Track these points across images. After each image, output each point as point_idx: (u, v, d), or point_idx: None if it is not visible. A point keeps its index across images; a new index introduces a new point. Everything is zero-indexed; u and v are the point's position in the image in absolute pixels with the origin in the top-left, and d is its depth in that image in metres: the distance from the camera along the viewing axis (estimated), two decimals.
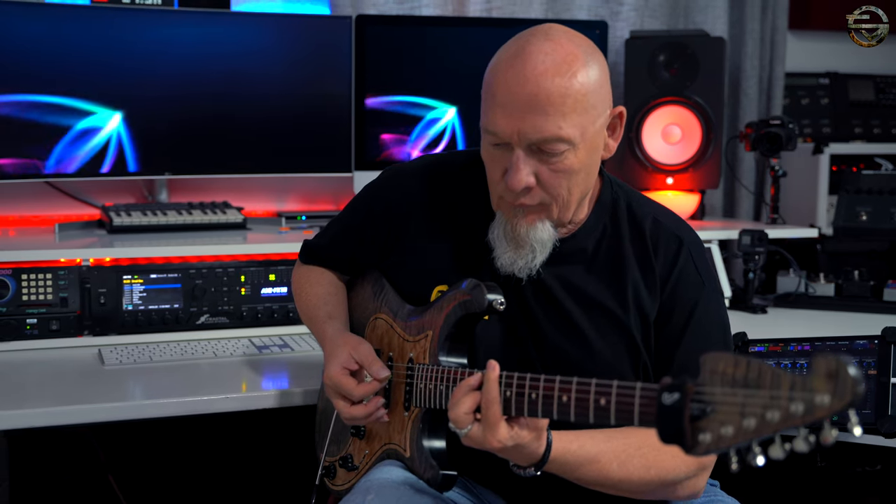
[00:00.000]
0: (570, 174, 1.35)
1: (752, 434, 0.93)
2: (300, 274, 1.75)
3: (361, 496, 1.39)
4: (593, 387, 1.16)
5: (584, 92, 1.32)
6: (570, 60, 1.31)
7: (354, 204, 1.70)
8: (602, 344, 1.45)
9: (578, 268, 1.47)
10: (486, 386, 1.24)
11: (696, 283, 1.46)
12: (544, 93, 1.30)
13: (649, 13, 3.26)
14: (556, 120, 1.30)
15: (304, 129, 2.64)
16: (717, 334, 1.47)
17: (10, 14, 2.35)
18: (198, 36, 2.52)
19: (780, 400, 0.91)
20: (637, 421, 1.10)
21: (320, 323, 1.62)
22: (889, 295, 2.59)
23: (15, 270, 2.09)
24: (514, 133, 1.32)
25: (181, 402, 1.77)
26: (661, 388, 1.05)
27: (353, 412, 1.47)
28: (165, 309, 2.18)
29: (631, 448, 1.34)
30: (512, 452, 1.27)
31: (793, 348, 1.95)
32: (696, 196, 2.96)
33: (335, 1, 2.85)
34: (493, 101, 1.34)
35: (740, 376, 0.95)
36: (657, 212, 1.51)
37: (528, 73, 1.31)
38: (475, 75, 1.48)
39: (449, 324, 1.43)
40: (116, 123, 2.47)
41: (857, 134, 3.41)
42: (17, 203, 2.62)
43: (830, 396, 0.88)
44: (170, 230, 2.45)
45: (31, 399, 1.80)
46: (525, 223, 1.39)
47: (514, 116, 1.31)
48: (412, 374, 1.47)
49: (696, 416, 0.98)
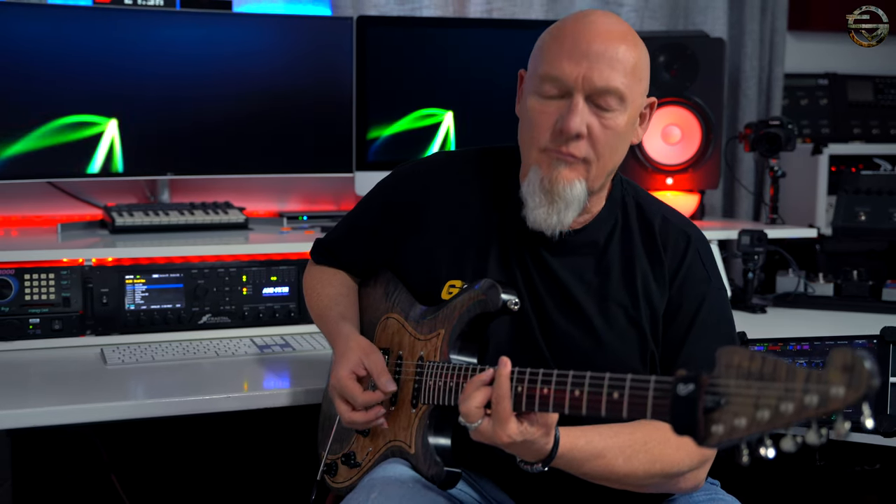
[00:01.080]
0: (615, 135, 1.40)
1: (765, 426, 0.94)
2: (312, 274, 1.76)
3: (365, 493, 1.39)
4: (606, 381, 1.17)
5: (640, 65, 1.41)
6: (632, 35, 1.41)
7: (366, 202, 1.71)
8: (611, 335, 1.47)
9: (590, 259, 1.49)
10: (497, 381, 1.25)
11: (703, 278, 1.49)
12: (613, 48, 1.37)
13: (649, 14, 3.27)
14: (619, 74, 1.37)
15: (306, 130, 2.64)
16: (723, 328, 1.50)
17: (12, 15, 2.36)
18: (200, 37, 2.52)
19: (794, 392, 0.92)
20: (650, 414, 1.11)
21: (332, 322, 1.63)
22: (888, 295, 2.59)
23: (18, 270, 2.09)
24: (578, 77, 1.36)
25: (183, 402, 1.77)
26: (675, 379, 1.05)
27: (353, 417, 1.48)
28: (167, 309, 2.19)
29: (637, 443, 1.35)
30: (520, 448, 1.28)
31: (792, 348, 1.96)
32: (695, 196, 2.97)
33: (336, 2, 2.86)
34: (560, 49, 1.38)
35: (755, 370, 0.96)
36: (665, 210, 1.56)
37: (599, 29, 1.38)
38: (476, 76, 1.49)
39: (462, 322, 1.44)
40: (118, 124, 2.47)
41: (856, 134, 3.42)
42: (19, 203, 2.63)
43: (846, 388, 0.89)
44: (172, 230, 2.46)
45: (34, 398, 1.80)
46: (563, 178, 1.40)
47: (583, 63, 1.36)
48: (422, 372, 1.47)
49: (710, 408, 0.99)
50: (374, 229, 1.65)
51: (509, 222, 1.51)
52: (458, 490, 1.49)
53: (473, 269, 1.51)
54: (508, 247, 1.51)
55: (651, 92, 1.47)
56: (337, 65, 2.64)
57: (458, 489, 1.49)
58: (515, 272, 1.49)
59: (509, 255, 1.50)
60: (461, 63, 2.73)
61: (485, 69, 2.71)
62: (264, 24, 2.62)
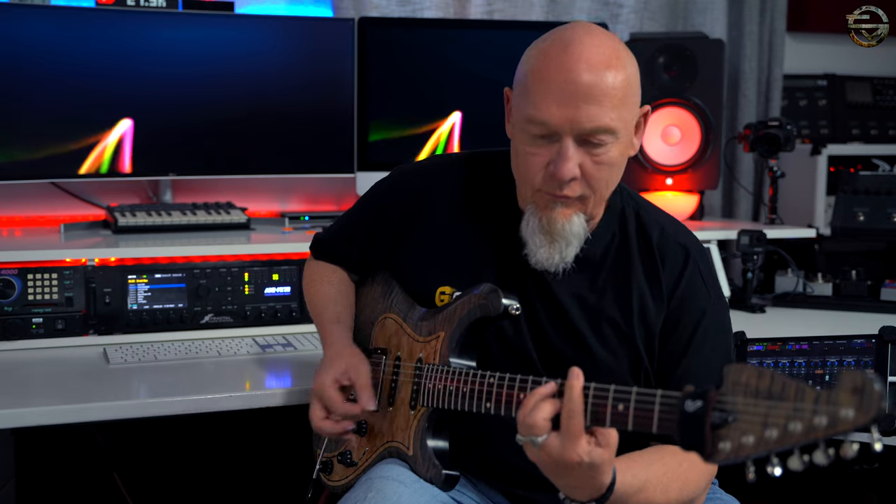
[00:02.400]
0: (610, 167, 1.37)
1: (773, 444, 0.94)
2: (311, 269, 1.77)
3: (362, 493, 1.40)
4: (611, 392, 1.16)
5: (628, 85, 1.35)
6: (617, 55, 1.34)
7: (365, 201, 1.71)
8: (604, 352, 1.46)
9: (585, 276, 1.47)
10: (569, 395, 1.17)
11: (702, 294, 1.47)
12: (598, 84, 1.31)
13: (649, 15, 3.28)
14: (607, 111, 1.32)
15: (307, 131, 2.65)
16: (721, 343, 1.48)
17: (16, 16, 2.37)
18: (202, 38, 2.53)
19: (803, 412, 0.92)
20: (656, 427, 1.10)
21: (326, 323, 1.65)
22: (886, 294, 2.60)
23: (21, 270, 2.10)
24: (566, 122, 1.32)
25: (185, 401, 1.78)
26: (683, 395, 1.05)
27: (323, 425, 1.50)
28: (170, 308, 2.20)
29: (670, 472, 1.34)
30: (582, 474, 1.19)
31: (791, 347, 1.96)
32: (695, 196, 2.98)
33: (338, 3, 2.87)
34: (545, 93, 1.33)
35: (764, 388, 0.96)
36: (664, 221, 1.53)
37: (583, 64, 1.31)
38: (475, 77, 1.49)
39: (462, 326, 1.44)
40: (121, 124, 2.48)
41: (855, 135, 3.43)
42: (23, 203, 2.64)
43: (855, 411, 0.89)
44: (174, 230, 2.47)
45: (37, 397, 1.81)
46: (561, 217, 1.39)
47: (569, 106, 1.31)
48: (420, 374, 1.48)
49: (717, 425, 0.99)
50: (370, 229, 1.65)
51: (504, 231, 1.49)
52: (455, 491, 1.50)
53: (467, 277, 1.50)
54: (502, 256, 1.49)
55: (651, 93, 1.47)
56: (338, 65, 2.65)
57: (456, 490, 1.49)
58: (510, 283, 1.47)
59: (503, 265, 1.49)
60: (462, 64, 2.74)
61: (484, 70, 2.72)
62: (266, 25, 2.63)
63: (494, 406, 1.33)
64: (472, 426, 1.48)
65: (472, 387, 1.37)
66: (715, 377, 1.42)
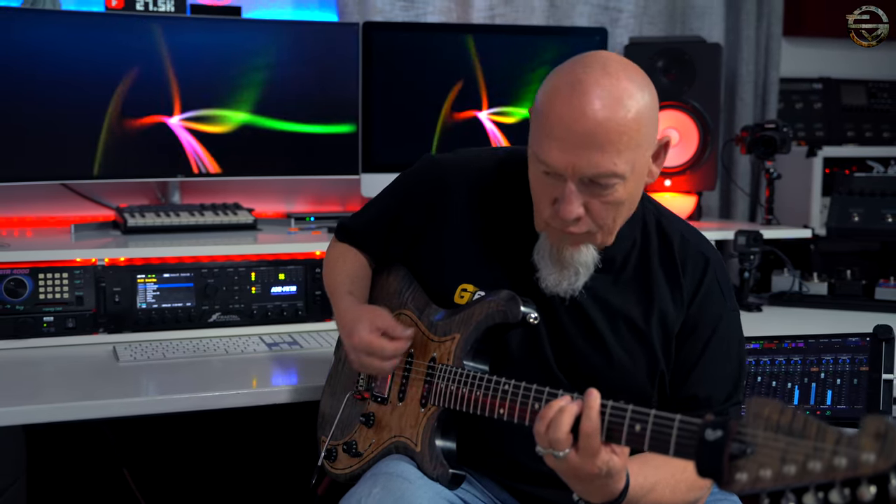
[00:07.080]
0: (618, 205, 1.37)
1: (790, 480, 0.94)
2: (334, 249, 1.77)
3: (367, 488, 1.42)
4: (629, 413, 1.18)
5: (637, 128, 1.31)
6: (626, 96, 1.30)
7: (392, 189, 1.69)
8: (623, 353, 1.47)
9: (606, 277, 1.48)
10: (587, 414, 1.20)
11: (720, 301, 1.50)
12: (602, 130, 1.28)
13: (648, 20, 3.30)
14: (611, 156, 1.29)
15: (313, 133, 2.66)
16: (735, 350, 1.51)
17: (28, 20, 2.38)
18: (209, 42, 2.54)
19: (824, 452, 0.92)
20: (673, 451, 1.12)
21: (339, 295, 1.65)
22: (880, 293, 2.62)
23: (32, 270, 2.12)
24: (568, 167, 1.31)
25: (193, 398, 1.80)
26: (704, 423, 1.07)
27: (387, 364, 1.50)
28: (178, 307, 2.22)
29: (678, 473, 1.37)
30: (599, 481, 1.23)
31: (787, 346, 1.97)
32: (693, 198, 3.00)
33: (343, 8, 2.90)
34: (549, 134, 1.32)
35: (785, 423, 0.97)
36: (685, 230, 1.55)
37: (586, 110, 1.28)
38: (478, 80, 1.49)
39: (479, 330, 1.45)
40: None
41: (850, 137, 3.46)
42: (34, 204, 2.65)
43: (876, 456, 0.89)
44: (182, 231, 2.48)
45: (48, 394, 1.83)
46: (571, 248, 1.41)
47: (570, 151, 1.30)
48: (433, 374, 1.49)
49: (736, 455, 1.00)
50: (397, 217, 1.63)
51: (526, 232, 1.48)
52: (461, 489, 1.51)
53: (487, 276, 1.50)
54: (524, 258, 1.48)
55: None
56: (343, 69, 2.66)
57: (462, 488, 1.50)
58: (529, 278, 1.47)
59: (525, 266, 1.48)
60: (464, 67, 2.76)
61: (484, 70, 2.75)
62: (272, 29, 2.64)
63: (508, 413, 1.35)
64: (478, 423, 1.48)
65: (486, 392, 1.38)
66: (727, 384, 1.48)
